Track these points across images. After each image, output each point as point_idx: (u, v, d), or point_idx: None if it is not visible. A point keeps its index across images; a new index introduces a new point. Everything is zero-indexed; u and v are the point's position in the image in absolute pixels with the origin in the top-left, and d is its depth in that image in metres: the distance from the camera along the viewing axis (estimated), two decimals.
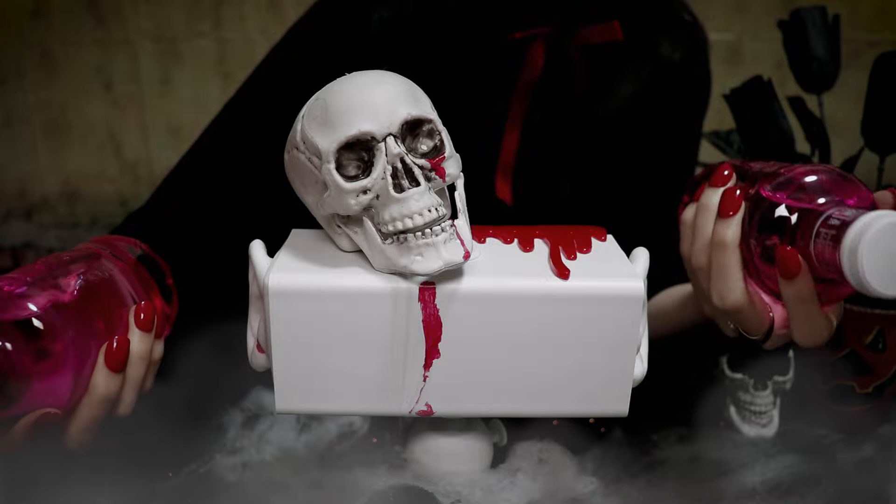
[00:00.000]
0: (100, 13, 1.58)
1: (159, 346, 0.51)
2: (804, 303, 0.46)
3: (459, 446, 0.52)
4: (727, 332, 0.53)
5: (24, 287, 0.44)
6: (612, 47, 0.73)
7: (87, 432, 0.47)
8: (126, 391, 0.48)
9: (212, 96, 1.59)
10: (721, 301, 0.49)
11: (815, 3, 0.78)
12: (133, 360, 0.48)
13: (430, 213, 0.43)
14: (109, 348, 0.46)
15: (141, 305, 0.49)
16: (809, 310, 0.46)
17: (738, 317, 0.50)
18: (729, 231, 0.49)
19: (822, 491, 0.58)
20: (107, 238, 0.55)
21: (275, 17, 1.57)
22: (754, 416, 0.67)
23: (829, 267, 0.42)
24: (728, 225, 0.49)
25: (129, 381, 0.48)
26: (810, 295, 0.46)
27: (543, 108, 0.74)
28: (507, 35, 0.71)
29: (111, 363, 0.46)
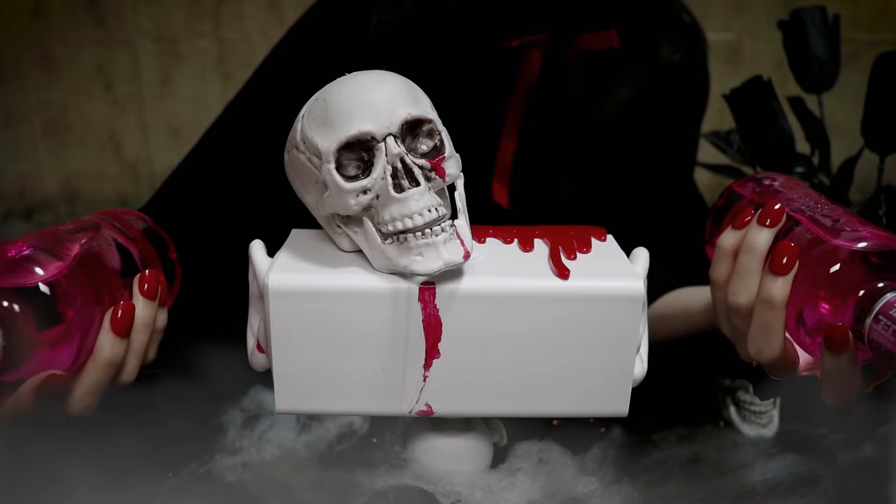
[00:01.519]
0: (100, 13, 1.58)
1: (163, 316, 0.51)
2: (843, 374, 0.45)
3: (459, 446, 0.52)
4: (745, 359, 0.52)
5: (30, 251, 0.44)
6: (611, 52, 0.73)
7: (90, 397, 0.46)
8: (129, 358, 0.48)
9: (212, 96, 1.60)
10: (758, 355, 0.48)
11: (815, 3, 0.78)
12: (137, 327, 0.48)
13: (430, 213, 0.43)
14: (115, 313, 0.46)
15: (145, 274, 0.49)
16: (847, 380, 0.45)
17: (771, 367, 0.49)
18: (780, 290, 0.46)
19: (822, 491, 0.58)
20: (112, 210, 0.56)
21: (275, 17, 1.57)
22: (754, 416, 0.67)
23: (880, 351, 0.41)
24: (778, 283, 0.46)
25: (133, 348, 0.48)
26: (851, 368, 0.44)
27: (540, 113, 0.74)
28: (504, 42, 0.71)
29: (116, 328, 0.46)
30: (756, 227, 0.49)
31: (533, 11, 0.72)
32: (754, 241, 0.48)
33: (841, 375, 0.45)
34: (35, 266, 0.43)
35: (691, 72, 0.80)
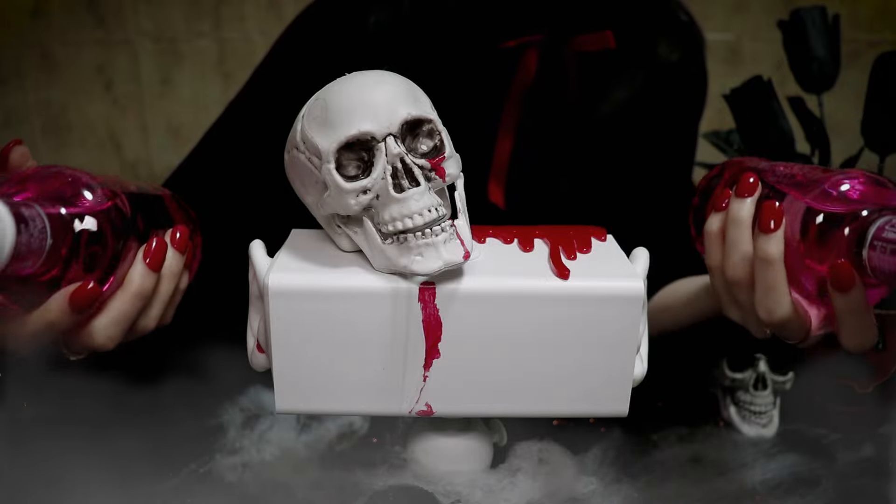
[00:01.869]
0: (100, 13, 1.58)
1: (186, 278, 0.53)
2: (856, 313, 0.46)
3: (459, 446, 0.52)
4: (759, 335, 0.53)
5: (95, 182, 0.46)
6: (607, 53, 0.73)
7: (115, 327, 0.47)
8: (155, 302, 0.50)
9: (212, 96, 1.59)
10: (769, 316, 0.48)
11: (815, 3, 0.78)
12: (166, 273, 0.50)
13: (430, 213, 0.43)
14: (149, 247, 0.48)
15: (178, 227, 0.52)
16: (861, 318, 0.46)
17: (782, 329, 0.49)
18: (774, 246, 0.47)
19: (822, 491, 0.58)
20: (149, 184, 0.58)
21: (275, 17, 1.57)
22: (754, 416, 0.67)
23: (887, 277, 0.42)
24: (772, 240, 0.47)
25: (160, 293, 0.50)
26: (864, 305, 0.45)
27: (537, 113, 0.74)
28: (500, 43, 0.71)
29: (150, 260, 0.48)
30: (736, 201, 0.51)
31: (529, 12, 0.72)
32: (738, 213, 0.50)
33: (856, 315, 0.46)
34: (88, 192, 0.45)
35: (689, 71, 0.80)
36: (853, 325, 0.47)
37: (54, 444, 0.55)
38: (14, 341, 0.45)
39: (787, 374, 0.68)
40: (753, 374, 0.68)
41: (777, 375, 0.68)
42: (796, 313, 0.48)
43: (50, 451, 0.55)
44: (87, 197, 0.45)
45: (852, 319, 0.46)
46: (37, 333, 0.45)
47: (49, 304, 0.44)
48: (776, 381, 0.68)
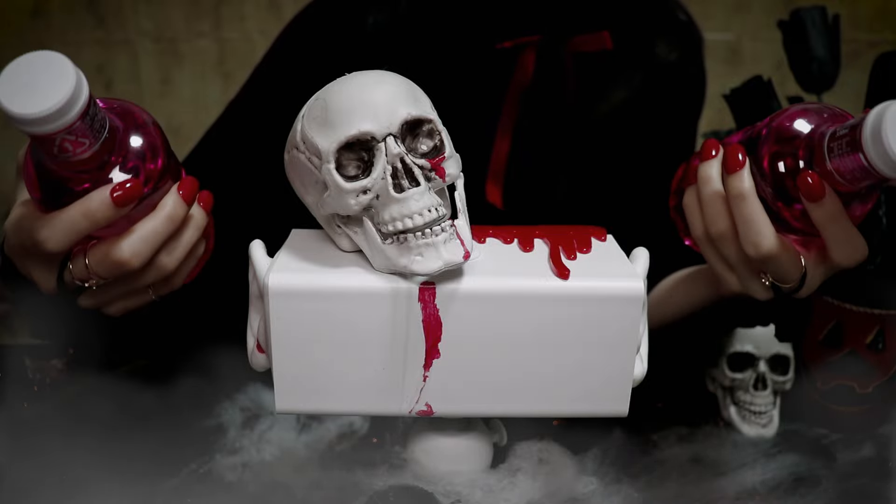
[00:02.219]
0: (100, 13, 1.58)
1: (203, 244, 0.55)
2: (837, 220, 0.47)
3: (459, 446, 0.51)
4: (760, 293, 0.54)
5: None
6: (605, 54, 0.73)
7: (142, 243, 0.48)
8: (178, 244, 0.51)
9: (212, 96, 1.60)
10: (756, 250, 0.50)
11: (815, 3, 0.78)
12: (192, 222, 0.52)
13: (430, 213, 0.43)
14: (184, 180, 0.51)
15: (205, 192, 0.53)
16: (844, 226, 0.48)
17: (773, 264, 0.50)
18: (744, 182, 0.50)
19: (822, 491, 0.58)
20: None
21: (275, 17, 1.57)
22: (754, 416, 0.67)
23: (853, 173, 0.44)
24: (740, 177, 0.50)
25: (184, 236, 0.51)
26: (840, 211, 0.47)
27: (534, 113, 0.74)
28: (497, 43, 0.71)
29: (183, 189, 0.50)
30: (703, 165, 0.53)
31: (527, 13, 0.72)
32: (706, 174, 0.53)
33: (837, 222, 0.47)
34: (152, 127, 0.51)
35: (688, 70, 0.80)
36: (837, 234, 0.48)
37: (55, 444, 0.55)
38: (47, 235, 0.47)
39: (787, 374, 0.68)
40: (753, 374, 0.68)
41: (777, 375, 0.68)
42: (783, 246, 0.50)
43: (50, 451, 0.55)
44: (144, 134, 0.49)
45: (835, 228, 0.48)
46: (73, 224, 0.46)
47: (91, 195, 0.46)
48: (776, 381, 0.68)
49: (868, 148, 0.42)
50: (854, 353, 0.67)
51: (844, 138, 0.44)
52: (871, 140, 0.42)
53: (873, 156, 0.42)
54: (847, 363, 0.67)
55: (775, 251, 0.49)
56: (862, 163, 0.43)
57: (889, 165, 0.42)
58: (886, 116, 0.42)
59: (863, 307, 0.66)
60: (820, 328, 0.68)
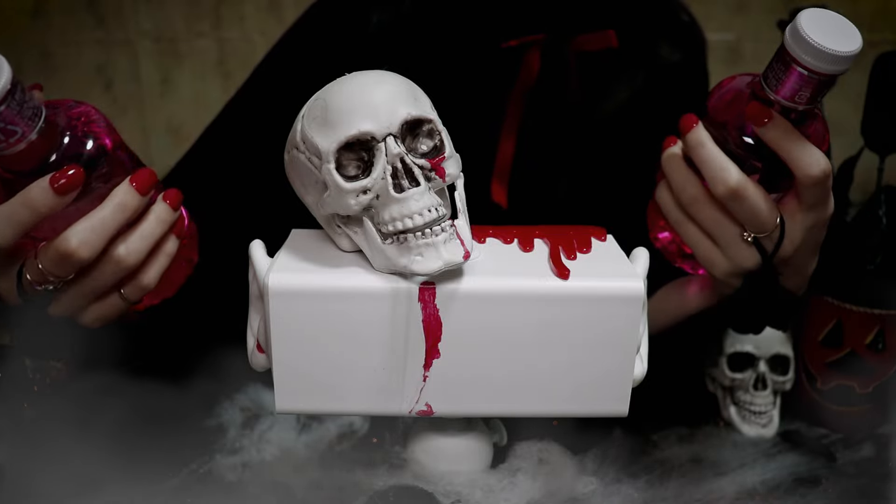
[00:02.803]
0: (100, 13, 1.58)
1: (174, 243, 0.53)
2: (789, 136, 0.50)
3: (459, 446, 0.52)
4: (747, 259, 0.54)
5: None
6: (609, 53, 0.73)
7: (91, 232, 0.47)
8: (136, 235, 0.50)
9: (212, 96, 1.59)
10: (725, 185, 0.51)
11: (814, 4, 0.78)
12: (152, 215, 0.51)
13: (430, 213, 0.43)
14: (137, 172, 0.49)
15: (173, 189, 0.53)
16: (797, 141, 0.50)
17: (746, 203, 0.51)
18: (699, 132, 0.53)
19: (821, 491, 0.58)
20: None
21: (275, 17, 1.57)
22: (754, 416, 0.67)
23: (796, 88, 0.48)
24: (695, 130, 0.53)
25: (142, 227, 0.50)
26: (790, 127, 0.50)
27: (539, 113, 0.74)
28: (502, 42, 0.71)
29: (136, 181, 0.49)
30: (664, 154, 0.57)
31: (531, 12, 0.72)
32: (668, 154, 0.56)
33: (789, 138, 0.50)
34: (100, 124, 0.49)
35: (691, 72, 0.80)
36: (793, 148, 0.50)
37: (55, 444, 0.55)
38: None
39: (787, 374, 0.68)
40: (753, 374, 0.68)
41: (777, 375, 0.68)
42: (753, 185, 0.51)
43: (50, 451, 0.55)
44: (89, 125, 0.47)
45: (789, 143, 0.50)
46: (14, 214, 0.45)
47: (31, 185, 0.45)
48: (776, 381, 0.68)
49: (796, 52, 0.46)
50: (854, 353, 0.67)
51: (774, 63, 0.48)
52: (795, 44, 0.46)
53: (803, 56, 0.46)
54: (847, 363, 0.67)
55: (743, 183, 0.51)
56: (797, 70, 0.47)
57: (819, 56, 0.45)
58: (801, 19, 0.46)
59: (863, 307, 0.66)
60: (820, 328, 0.68)
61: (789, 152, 0.50)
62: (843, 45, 0.46)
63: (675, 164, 0.55)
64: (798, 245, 0.54)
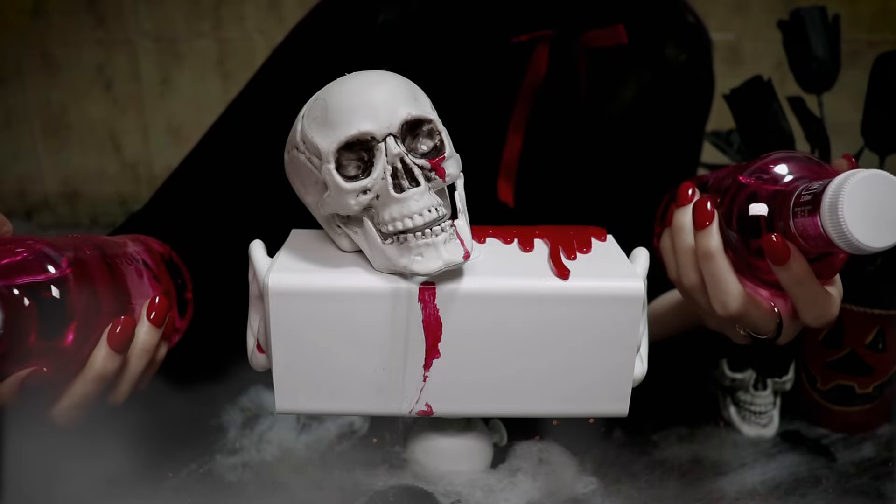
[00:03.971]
0: (100, 13, 1.58)
1: (164, 349, 0.51)
2: (803, 284, 0.46)
3: (459, 446, 0.52)
4: (738, 340, 0.53)
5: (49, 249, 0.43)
6: (617, 51, 0.73)
7: (76, 409, 0.46)
8: (123, 380, 0.48)
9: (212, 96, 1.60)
10: (724, 309, 0.49)
11: (815, 3, 0.78)
12: (136, 350, 0.47)
13: (429, 213, 0.43)
14: (114, 328, 0.45)
15: (155, 300, 0.48)
16: (811, 289, 0.47)
17: (744, 320, 0.50)
18: (711, 240, 0.49)
19: (822, 491, 0.58)
20: (140, 237, 0.56)
21: (275, 17, 1.57)
22: (754, 416, 0.67)
23: (814, 240, 0.42)
24: (708, 235, 0.49)
25: (128, 371, 0.48)
26: (807, 274, 0.46)
27: (547, 110, 0.74)
28: (511, 38, 0.71)
29: (113, 342, 0.45)
30: (677, 212, 0.52)
31: (540, 7, 0.72)
32: (679, 221, 0.52)
33: (804, 286, 0.46)
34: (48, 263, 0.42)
35: (696, 73, 0.80)
36: (805, 297, 0.47)
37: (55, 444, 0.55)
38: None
39: (787, 374, 0.68)
40: (753, 374, 0.68)
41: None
42: (753, 303, 0.49)
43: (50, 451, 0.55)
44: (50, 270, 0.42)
45: (802, 291, 0.47)
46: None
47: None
48: (776, 381, 0.68)
49: (826, 221, 0.41)
50: (854, 353, 0.67)
51: (807, 205, 0.42)
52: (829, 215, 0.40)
53: (831, 230, 0.40)
54: (847, 363, 0.67)
55: (743, 310, 0.49)
56: (821, 231, 0.41)
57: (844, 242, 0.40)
58: (844, 191, 0.40)
59: (863, 307, 0.66)
60: (820, 328, 0.68)
61: (798, 299, 0.47)
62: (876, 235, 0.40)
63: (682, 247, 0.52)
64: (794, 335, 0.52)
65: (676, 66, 0.78)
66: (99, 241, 0.49)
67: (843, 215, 0.39)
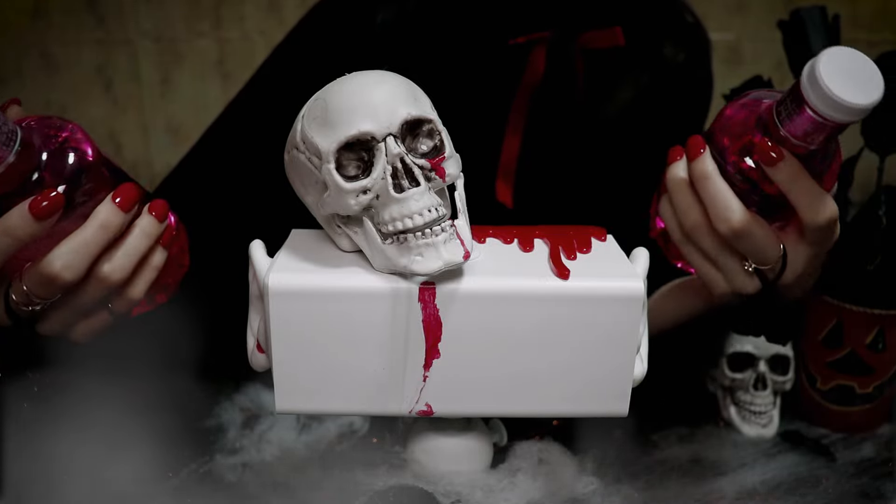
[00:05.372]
0: (100, 13, 1.58)
1: (162, 255, 0.53)
2: (799, 179, 0.48)
3: (459, 446, 0.52)
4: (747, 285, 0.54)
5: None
6: (615, 52, 0.73)
7: (74, 254, 0.47)
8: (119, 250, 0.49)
9: (212, 96, 1.59)
10: (728, 225, 0.50)
11: (815, 3, 0.78)
12: (137, 227, 0.50)
13: (429, 213, 0.43)
14: (120, 188, 0.49)
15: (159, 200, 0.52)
16: (806, 185, 0.48)
17: (749, 241, 0.51)
18: (706, 164, 0.51)
19: (822, 491, 0.58)
20: None
21: (275, 17, 1.57)
22: (754, 416, 0.67)
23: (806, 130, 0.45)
24: (702, 160, 0.51)
25: (126, 243, 0.50)
26: (800, 170, 0.48)
27: (545, 112, 0.74)
28: (509, 39, 0.71)
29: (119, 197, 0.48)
30: (669, 168, 0.54)
31: (538, 8, 0.72)
32: (672, 173, 0.54)
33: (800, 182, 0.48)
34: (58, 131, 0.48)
35: (695, 73, 0.80)
36: (802, 193, 0.48)
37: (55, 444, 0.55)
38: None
39: (787, 374, 0.68)
40: (753, 374, 0.68)
41: (777, 375, 0.68)
42: (755, 220, 0.50)
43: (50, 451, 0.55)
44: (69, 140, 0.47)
45: (798, 187, 0.48)
46: None
47: (10, 213, 0.44)
48: (776, 381, 0.68)
49: (809, 97, 0.43)
50: (854, 353, 0.67)
51: (788, 99, 0.45)
52: (810, 88, 0.43)
53: (816, 103, 0.43)
54: (847, 363, 0.68)
55: (746, 224, 0.50)
56: (809, 115, 0.44)
57: (833, 106, 0.43)
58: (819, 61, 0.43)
59: (863, 307, 0.66)
60: (820, 328, 0.68)
61: (796, 197, 0.49)
62: (861, 93, 0.43)
63: (678, 187, 0.54)
64: (800, 273, 0.53)
65: (675, 66, 0.78)
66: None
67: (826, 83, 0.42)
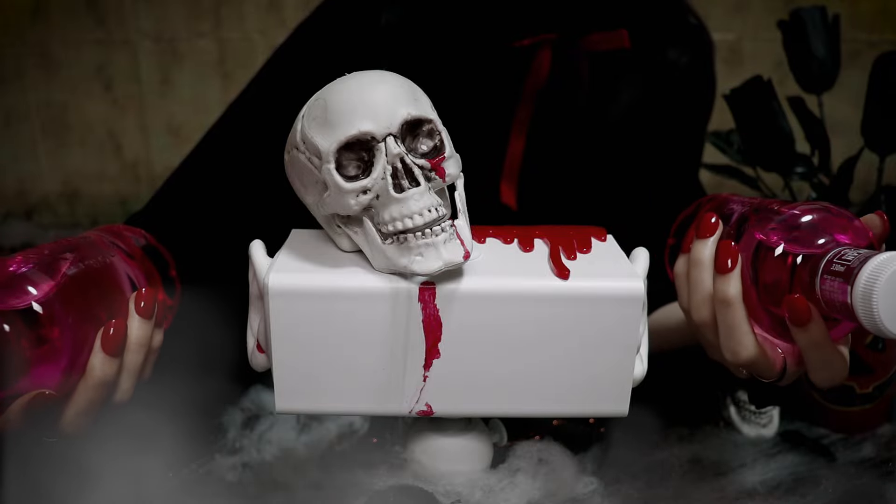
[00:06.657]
0: (100, 13, 1.58)
1: (159, 335, 0.51)
2: (818, 347, 0.45)
3: (459, 446, 0.51)
4: (739, 375, 0.52)
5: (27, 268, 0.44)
6: (619, 54, 0.73)
7: (83, 416, 0.46)
8: (124, 377, 0.48)
9: (212, 96, 1.60)
10: (734, 357, 0.48)
11: (815, 3, 0.78)
12: (132, 346, 0.48)
13: (430, 213, 0.43)
14: (106, 332, 0.46)
15: (141, 292, 0.49)
16: (826, 353, 0.45)
17: (750, 368, 0.49)
18: (731, 287, 0.47)
19: (822, 491, 0.58)
20: (113, 227, 0.56)
21: (275, 17, 1.57)
22: (754, 416, 0.67)
23: (839, 310, 0.41)
24: (728, 280, 0.47)
25: (127, 367, 0.48)
26: (825, 338, 0.44)
27: (549, 114, 0.74)
28: (514, 41, 0.71)
29: (107, 347, 0.45)
30: (697, 242, 0.50)
31: (543, 11, 0.72)
32: (698, 254, 0.50)
33: (819, 349, 0.45)
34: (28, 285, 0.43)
35: (699, 75, 0.80)
36: (818, 359, 0.46)
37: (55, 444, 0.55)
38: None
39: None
40: None
41: None
42: (763, 354, 0.48)
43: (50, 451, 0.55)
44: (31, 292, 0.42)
45: (816, 354, 0.45)
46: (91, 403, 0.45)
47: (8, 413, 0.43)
48: None
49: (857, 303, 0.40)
50: (854, 353, 0.67)
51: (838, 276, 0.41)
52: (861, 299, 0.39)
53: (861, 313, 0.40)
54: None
55: (753, 360, 0.48)
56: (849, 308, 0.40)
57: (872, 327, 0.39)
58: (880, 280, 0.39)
59: None
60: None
61: (812, 361, 0.46)
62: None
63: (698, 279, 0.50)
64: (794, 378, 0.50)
65: (679, 68, 0.78)
66: (73, 244, 0.49)
67: (877, 303, 0.39)
